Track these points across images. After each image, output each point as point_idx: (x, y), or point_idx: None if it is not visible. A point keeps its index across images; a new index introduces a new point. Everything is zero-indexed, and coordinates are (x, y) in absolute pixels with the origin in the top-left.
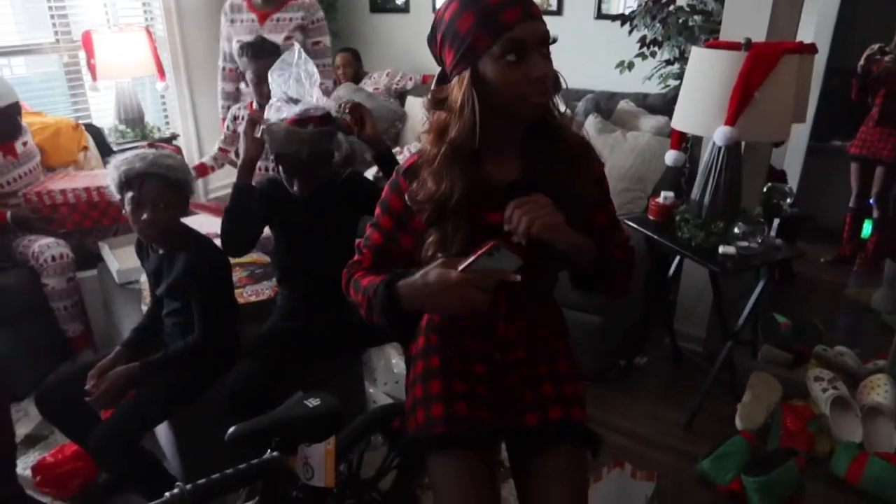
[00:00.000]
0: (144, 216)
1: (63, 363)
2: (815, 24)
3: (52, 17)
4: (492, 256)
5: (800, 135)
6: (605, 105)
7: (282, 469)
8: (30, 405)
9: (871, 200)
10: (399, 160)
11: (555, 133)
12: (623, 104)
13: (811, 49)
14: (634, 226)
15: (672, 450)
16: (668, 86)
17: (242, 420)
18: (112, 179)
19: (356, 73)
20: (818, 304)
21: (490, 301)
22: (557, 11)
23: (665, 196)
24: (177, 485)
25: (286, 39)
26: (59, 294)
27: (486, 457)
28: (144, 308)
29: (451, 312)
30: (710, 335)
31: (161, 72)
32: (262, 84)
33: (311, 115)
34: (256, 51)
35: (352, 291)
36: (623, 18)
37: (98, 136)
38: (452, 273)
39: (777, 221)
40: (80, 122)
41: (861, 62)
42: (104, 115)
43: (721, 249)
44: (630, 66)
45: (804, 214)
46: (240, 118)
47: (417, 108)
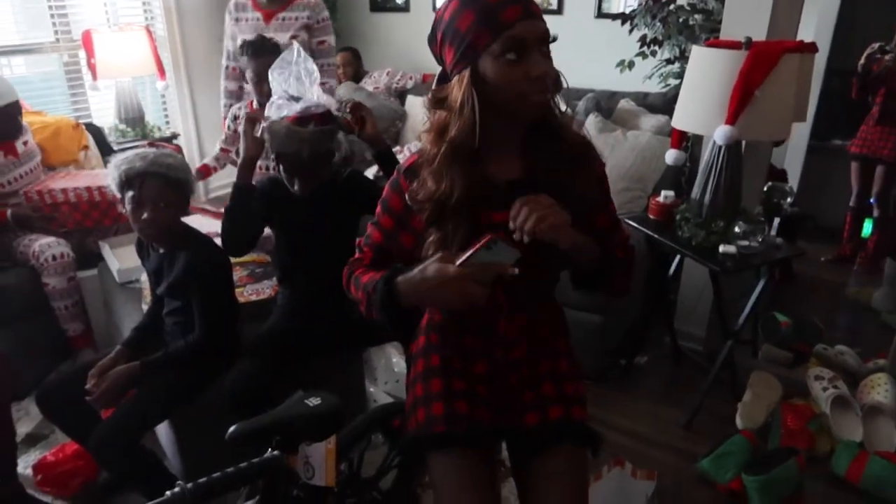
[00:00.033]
0: (145, 215)
1: (64, 362)
2: (816, 24)
3: (52, 17)
4: (489, 250)
5: (800, 134)
6: (606, 104)
7: (282, 468)
8: (30, 404)
9: (872, 199)
10: (399, 159)
11: (556, 132)
12: (623, 103)
13: (811, 48)
14: (635, 225)
15: (672, 449)
16: (669, 85)
17: (243, 419)
18: (112, 178)
19: (356, 73)
20: (818, 304)
21: (488, 295)
22: (558, 10)
23: (665, 195)
24: (178, 483)
25: (292, 38)
26: (60, 293)
27: (487, 456)
28: (145, 307)
29: (450, 307)
30: (711, 334)
31: (161, 71)
32: (263, 83)
33: (312, 114)
34: (257, 49)
35: (352, 288)
36: (623, 17)
37: (98, 136)
38: (450, 267)
39: (777, 220)
40: (81, 122)
41: (861, 61)
42: (104, 115)
43: (721, 248)
44: (630, 66)
45: (804, 214)
46: (240, 118)
47: (417, 108)
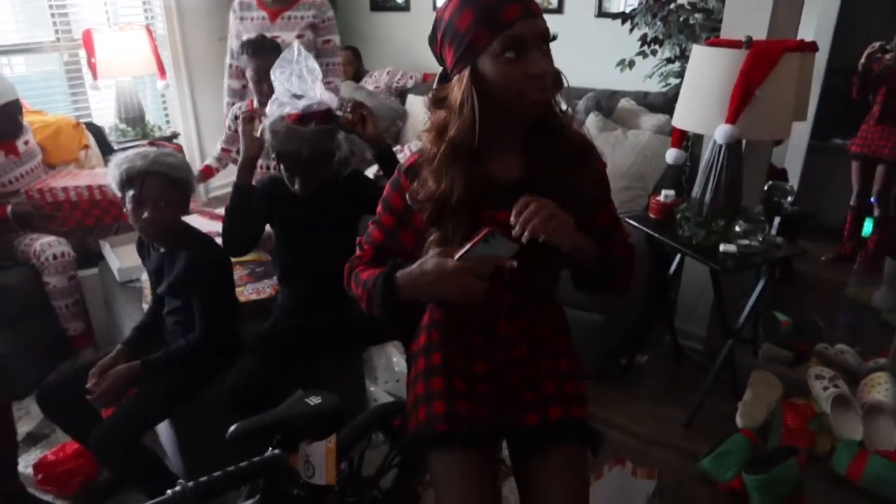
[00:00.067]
0: (145, 214)
1: (64, 362)
2: (816, 23)
3: (53, 16)
4: (487, 243)
5: (800, 133)
6: (606, 103)
7: (283, 467)
8: (31, 403)
9: (872, 199)
10: (400, 159)
11: (556, 131)
12: (624, 102)
13: (812, 47)
14: (635, 224)
15: (673, 448)
16: (669, 84)
17: (243, 418)
18: (113, 177)
19: (357, 72)
20: (819, 303)
21: (487, 288)
22: (558, 9)
23: (666, 194)
24: (178, 482)
25: (298, 38)
26: (61, 292)
27: (488, 455)
28: (145, 306)
29: (450, 301)
30: (711, 333)
31: (161, 70)
32: (262, 82)
33: (313, 112)
34: (257, 48)
35: (353, 285)
36: (624, 17)
37: (99, 135)
38: (449, 261)
39: (778, 220)
40: (81, 121)
41: (862, 60)
42: (105, 114)
43: (722, 248)
44: (631, 65)
45: (805, 213)
46: (241, 117)
47: (418, 107)
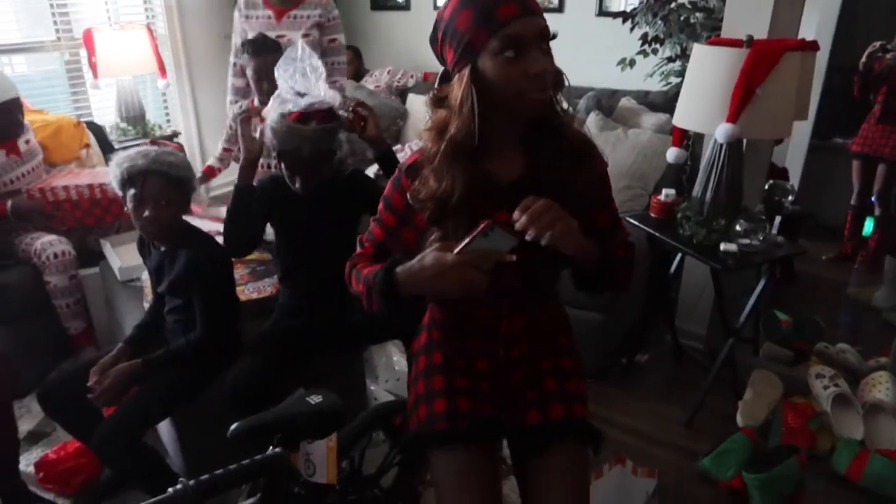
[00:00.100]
0: (146, 213)
1: (65, 360)
2: (817, 22)
3: (54, 15)
4: (487, 236)
5: (801, 132)
6: (607, 102)
7: (284, 465)
8: (32, 402)
9: (873, 198)
10: (400, 158)
11: (557, 131)
12: (624, 101)
13: (813, 46)
14: (636, 223)
15: (673, 447)
16: (670, 83)
17: (244, 417)
18: (114, 176)
19: (357, 71)
20: (819, 302)
21: (487, 282)
22: (559, 9)
23: (666, 193)
24: (180, 480)
25: (304, 37)
26: (62, 291)
27: (488, 453)
28: (146, 305)
29: (450, 295)
30: (712, 332)
31: (162, 69)
32: (263, 81)
33: (314, 111)
34: (257, 48)
35: (353, 281)
36: (625, 16)
37: (99, 134)
38: (448, 255)
39: (778, 219)
40: (82, 120)
41: (863, 60)
42: (105, 113)
43: (722, 247)
44: (631, 64)
45: (806, 212)
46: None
47: (418, 106)
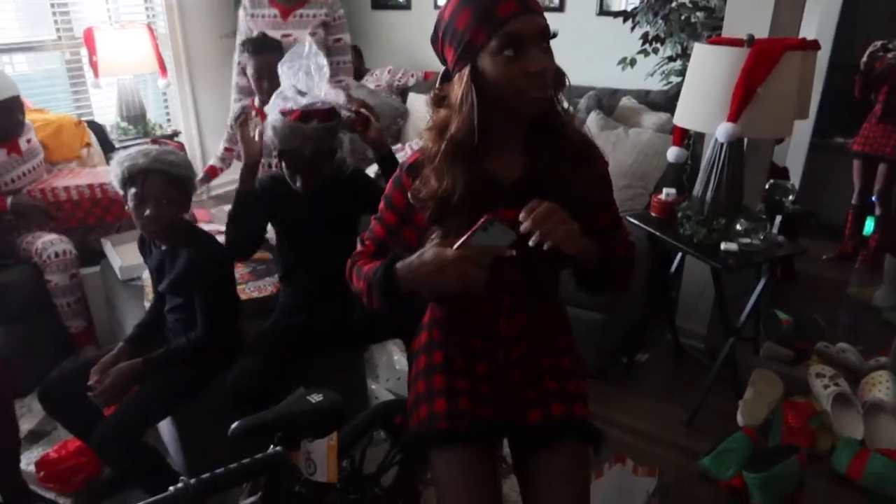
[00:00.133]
0: (147, 212)
1: (66, 359)
2: (818, 21)
3: (54, 14)
4: (486, 231)
5: (802, 131)
6: (607, 102)
7: (285, 464)
8: (33, 401)
9: (874, 197)
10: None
11: (558, 130)
12: (625, 101)
13: (814, 45)
14: (636, 222)
15: (674, 446)
16: (671, 82)
17: (245, 416)
18: (115, 175)
19: (358, 70)
20: (820, 301)
21: (486, 277)
22: (559, 8)
23: (667, 193)
24: (181, 479)
25: (311, 36)
26: (63, 290)
27: (489, 452)
28: (147, 304)
29: (449, 290)
30: (712, 332)
31: (163, 69)
32: (263, 80)
33: (316, 110)
34: (257, 47)
35: (354, 279)
36: (625, 15)
37: (100, 133)
38: (448, 251)
39: (779, 218)
40: (83, 119)
41: (864, 59)
42: (106, 112)
43: (723, 246)
44: (632, 63)
45: (806, 211)
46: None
47: (419, 105)
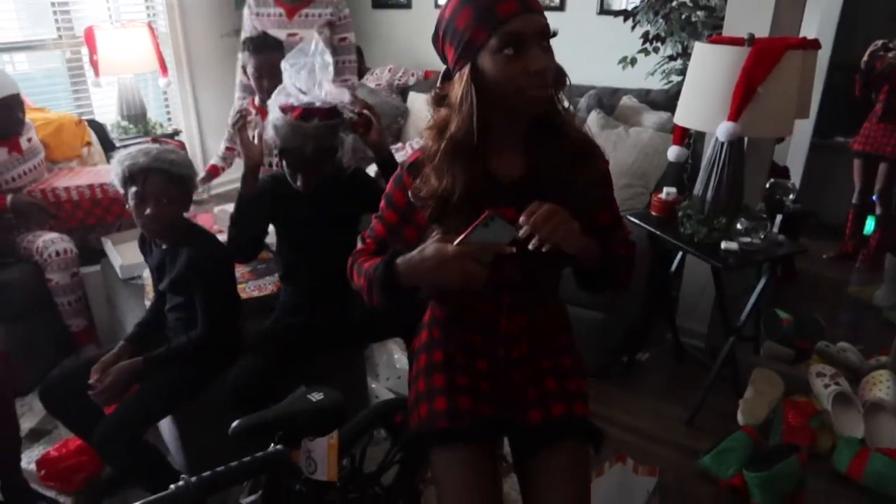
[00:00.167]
0: (148, 211)
1: (67, 358)
2: (819, 20)
3: (55, 13)
4: (487, 227)
5: (803, 131)
6: (608, 101)
7: (285, 462)
8: (34, 400)
9: (874, 197)
10: (401, 156)
11: (558, 129)
12: (626, 100)
13: (814, 45)
14: (637, 221)
15: (674, 445)
16: (671, 81)
17: (245, 415)
18: (116, 174)
19: (358, 69)
20: (820, 301)
21: (486, 274)
22: (560, 7)
23: (667, 192)
24: (182, 477)
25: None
26: (63, 289)
27: (489, 451)
28: (147, 303)
29: (450, 286)
30: (713, 331)
31: (163, 68)
32: (263, 78)
33: (317, 108)
34: (258, 45)
35: (355, 276)
36: (626, 14)
37: (101, 132)
38: (449, 247)
39: (780, 217)
40: (83, 118)
41: (864, 58)
42: (107, 111)
43: (723, 245)
44: (633, 62)
45: (807, 211)
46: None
47: (419, 104)
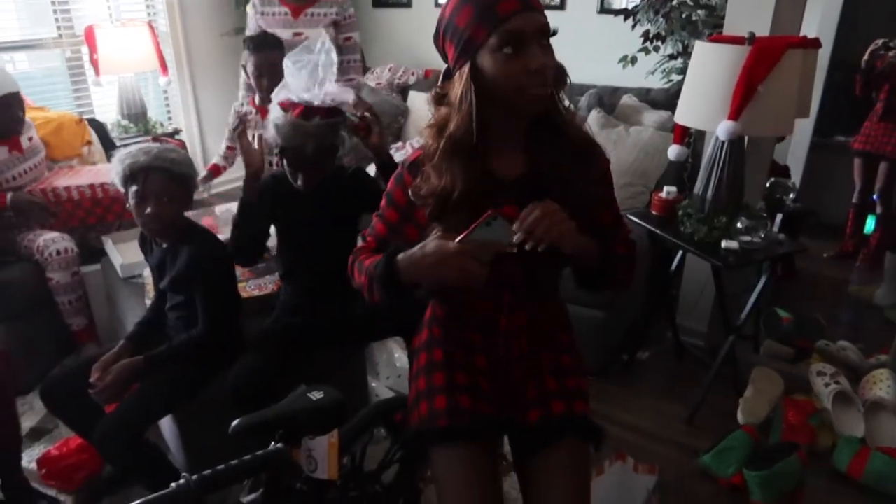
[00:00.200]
0: (148, 210)
1: (67, 357)
2: (819, 19)
3: (55, 12)
4: (489, 226)
5: (803, 130)
6: (608, 100)
7: (286, 461)
8: (35, 398)
9: (875, 196)
10: (402, 155)
11: (559, 128)
12: (626, 99)
13: (815, 44)
14: (637, 220)
15: (674, 443)
16: (672, 80)
17: (246, 414)
18: (116, 173)
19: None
20: (820, 300)
21: (487, 273)
22: (560, 6)
23: (668, 191)
24: (182, 475)
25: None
26: (64, 288)
27: (489, 449)
28: (148, 302)
29: (450, 283)
30: (713, 330)
31: (164, 67)
32: (262, 77)
33: (318, 106)
34: (258, 44)
35: (356, 273)
36: (626, 13)
37: (101, 131)
38: (450, 244)
39: (780, 216)
40: (84, 117)
41: (865, 57)
42: (107, 110)
43: (724, 244)
44: (633, 61)
45: (807, 210)
46: (241, 114)
47: (420, 103)
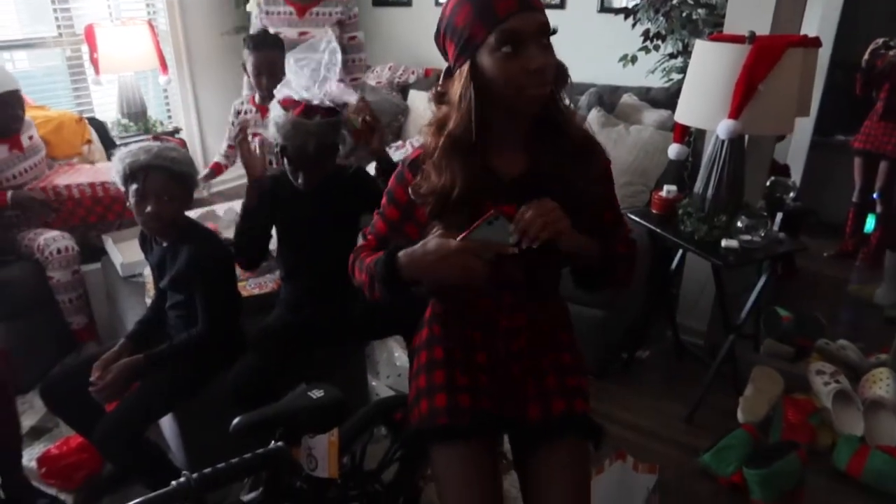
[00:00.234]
0: (148, 208)
1: (68, 355)
2: (820, 18)
3: (55, 11)
4: (491, 225)
5: (803, 129)
6: (608, 99)
7: (286, 459)
8: (35, 397)
9: (875, 195)
10: (401, 154)
11: (559, 127)
12: (626, 98)
13: (815, 42)
14: (637, 219)
15: (674, 442)
16: (672, 79)
17: (246, 412)
18: (117, 171)
19: None
20: (821, 299)
21: (487, 272)
22: (560, 5)
23: (668, 190)
24: (183, 473)
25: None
26: (64, 287)
27: (489, 448)
28: (148, 301)
29: (450, 281)
30: (713, 329)
31: (164, 66)
32: (262, 76)
33: (318, 105)
34: (258, 43)
35: (356, 272)
36: (626, 12)
37: (101, 130)
38: (451, 242)
39: (780, 215)
40: (84, 116)
41: (865, 57)
42: (107, 109)
43: (724, 243)
44: (633, 60)
45: (807, 209)
46: (242, 112)
47: (420, 102)
